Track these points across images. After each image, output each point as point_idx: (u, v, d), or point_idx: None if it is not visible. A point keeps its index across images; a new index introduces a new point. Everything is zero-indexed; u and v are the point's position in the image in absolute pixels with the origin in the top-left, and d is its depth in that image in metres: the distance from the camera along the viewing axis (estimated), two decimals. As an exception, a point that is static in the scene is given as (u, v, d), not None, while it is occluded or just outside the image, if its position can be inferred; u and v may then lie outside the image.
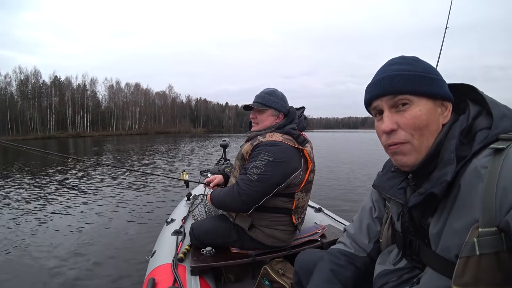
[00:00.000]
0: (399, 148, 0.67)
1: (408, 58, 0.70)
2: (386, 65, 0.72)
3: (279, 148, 1.45)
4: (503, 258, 0.53)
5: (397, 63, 0.70)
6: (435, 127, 0.66)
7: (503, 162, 0.54)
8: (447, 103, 0.68)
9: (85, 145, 24.84)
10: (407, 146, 0.66)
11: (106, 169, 9.13)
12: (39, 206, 4.95)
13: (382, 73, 0.70)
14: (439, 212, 0.65)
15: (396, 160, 0.70)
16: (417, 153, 0.66)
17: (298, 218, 1.59)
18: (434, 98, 0.66)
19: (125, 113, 72.66)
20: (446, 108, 0.68)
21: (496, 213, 0.53)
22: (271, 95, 1.61)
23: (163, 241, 1.87)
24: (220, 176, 1.90)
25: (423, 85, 0.65)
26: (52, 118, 57.09)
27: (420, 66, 0.68)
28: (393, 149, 0.68)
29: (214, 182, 1.86)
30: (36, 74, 58.83)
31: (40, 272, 2.69)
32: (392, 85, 0.66)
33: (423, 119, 0.64)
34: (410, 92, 0.65)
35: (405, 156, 0.68)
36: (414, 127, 0.65)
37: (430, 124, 0.65)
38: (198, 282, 1.40)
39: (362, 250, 0.94)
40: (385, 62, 0.73)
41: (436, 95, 0.66)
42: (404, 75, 0.66)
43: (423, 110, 0.65)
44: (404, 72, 0.66)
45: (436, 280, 0.66)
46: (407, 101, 0.65)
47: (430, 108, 0.65)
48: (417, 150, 0.66)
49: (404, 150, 0.67)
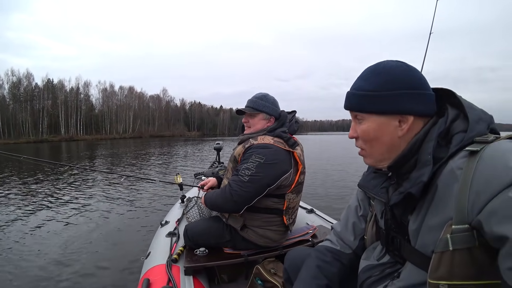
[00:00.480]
0: (359, 152, 0.81)
1: (372, 71, 0.75)
2: (357, 78, 0.78)
3: (270, 150, 1.50)
4: (475, 253, 0.56)
5: (361, 78, 0.76)
6: (387, 139, 0.73)
7: (477, 164, 0.57)
8: (407, 116, 0.70)
9: (78, 149, 24.58)
10: (363, 152, 0.80)
11: (99, 169, 9.07)
12: (32, 210, 4.91)
13: (351, 86, 0.79)
14: (417, 210, 0.69)
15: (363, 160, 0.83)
16: (371, 158, 0.79)
17: (289, 219, 1.63)
18: (384, 114, 0.71)
19: (119, 116, 72.01)
20: (406, 121, 0.70)
21: (468, 212, 0.56)
22: (262, 100, 1.65)
23: (157, 243, 1.89)
24: (213, 179, 1.93)
25: (368, 105, 0.73)
26: (45, 121, 56.37)
27: (376, 83, 0.72)
28: (358, 152, 0.82)
29: (208, 185, 1.90)
30: (28, 77, 58.13)
31: (35, 275, 2.68)
32: (347, 104, 0.78)
33: (370, 134, 0.74)
34: (358, 111, 0.76)
35: (364, 159, 0.82)
36: (363, 139, 0.77)
37: (380, 137, 0.73)
38: (192, 282, 1.43)
39: (348, 247, 0.98)
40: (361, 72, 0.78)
41: (383, 112, 0.71)
42: (355, 94, 0.75)
43: (372, 125, 0.73)
44: (356, 91, 0.75)
45: (415, 274, 0.70)
46: (360, 117, 0.76)
47: (380, 123, 0.72)
48: (370, 156, 0.79)
49: (362, 154, 0.81)
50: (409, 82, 0.70)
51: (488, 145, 0.59)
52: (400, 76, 0.71)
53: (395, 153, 0.73)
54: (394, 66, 0.72)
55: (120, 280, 2.58)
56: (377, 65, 0.75)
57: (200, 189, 1.96)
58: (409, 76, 0.71)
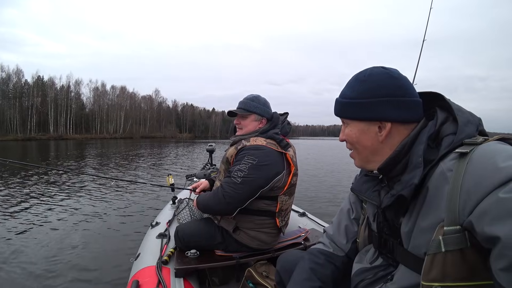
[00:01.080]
0: (350, 154, 0.85)
1: (356, 79, 0.78)
2: (345, 85, 0.82)
3: (263, 152, 1.50)
4: (468, 254, 0.57)
5: (347, 85, 0.81)
6: (368, 144, 0.77)
7: (467, 165, 0.58)
8: (386, 123, 0.73)
9: (67, 148, 24.16)
10: (352, 154, 0.84)
11: (89, 170, 8.93)
12: (17, 212, 4.79)
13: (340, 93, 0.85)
14: (409, 212, 0.70)
15: None
16: (357, 160, 0.84)
17: (282, 221, 1.62)
18: (363, 121, 0.76)
19: (110, 116, 71.06)
20: (385, 127, 0.73)
21: (460, 213, 0.57)
22: (253, 101, 1.66)
23: (147, 244, 1.87)
24: (206, 181, 1.92)
25: (349, 112, 0.78)
26: (34, 119, 55.22)
27: (358, 91, 0.76)
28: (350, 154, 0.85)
29: (200, 188, 1.88)
30: (18, 73, 57.00)
31: (21, 278, 2.62)
32: (335, 110, 0.84)
33: (353, 137, 0.79)
34: (342, 117, 0.82)
35: (354, 160, 0.85)
36: (349, 142, 0.82)
37: (362, 141, 0.78)
38: (182, 284, 1.41)
39: (341, 249, 0.98)
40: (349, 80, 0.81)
41: (362, 119, 0.76)
42: (340, 102, 0.81)
43: (353, 130, 0.79)
44: (341, 99, 0.81)
45: (408, 276, 0.70)
46: (345, 122, 0.82)
47: (361, 129, 0.77)
48: (356, 158, 0.83)
49: (351, 155, 0.85)
50: (391, 89, 0.72)
51: (477, 147, 0.60)
52: (382, 84, 0.73)
53: (380, 157, 0.76)
54: (377, 73, 0.75)
55: (108, 282, 2.54)
56: (363, 72, 0.78)
57: (192, 192, 1.93)
58: (392, 83, 0.73)
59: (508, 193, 0.50)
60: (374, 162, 0.78)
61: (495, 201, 0.51)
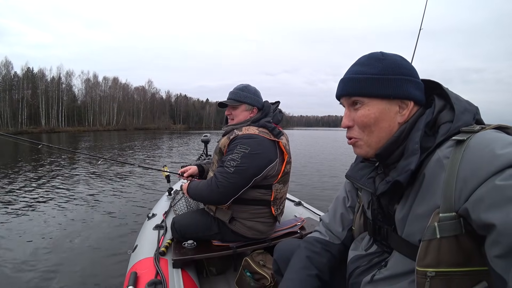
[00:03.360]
0: (352, 142, 0.79)
1: (372, 57, 0.75)
2: (352, 65, 0.78)
3: (255, 140, 1.50)
4: (462, 241, 0.58)
5: (359, 64, 0.76)
6: (386, 125, 0.73)
7: (463, 152, 0.58)
8: (408, 101, 0.72)
9: (60, 141, 23.89)
10: (359, 142, 0.77)
11: (85, 164, 8.87)
12: (12, 203, 4.76)
13: (345, 73, 0.78)
14: (404, 199, 0.70)
15: (354, 151, 0.81)
16: (367, 147, 0.76)
17: (277, 209, 1.64)
18: (387, 99, 0.72)
19: (103, 108, 70.12)
20: (407, 106, 0.72)
21: (455, 200, 0.57)
22: (243, 91, 1.65)
23: (144, 236, 1.87)
24: (194, 167, 1.94)
25: (373, 88, 0.72)
26: (24, 112, 54.21)
27: (379, 67, 0.72)
28: (350, 142, 0.79)
29: (188, 172, 1.90)
30: (7, 65, 55.59)
31: (17, 270, 2.62)
32: (345, 88, 0.76)
33: (371, 118, 0.72)
34: (359, 95, 0.74)
35: (357, 149, 0.79)
36: (363, 125, 0.74)
37: (380, 122, 0.72)
38: (180, 274, 1.42)
39: (337, 237, 1.00)
40: (355, 60, 0.79)
41: (387, 96, 0.71)
42: (357, 78, 0.74)
43: (372, 109, 0.72)
44: (357, 75, 0.74)
45: (402, 263, 0.71)
46: (359, 102, 0.74)
47: (382, 108, 0.72)
48: (367, 145, 0.76)
49: (356, 144, 0.78)
50: (409, 70, 0.73)
51: (474, 135, 0.60)
52: (401, 63, 0.73)
53: None
54: (392, 55, 0.75)
55: (106, 274, 2.55)
56: (374, 53, 0.77)
57: (181, 177, 1.95)
58: (408, 64, 0.74)
59: (504, 180, 0.50)
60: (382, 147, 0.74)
61: (491, 188, 0.52)
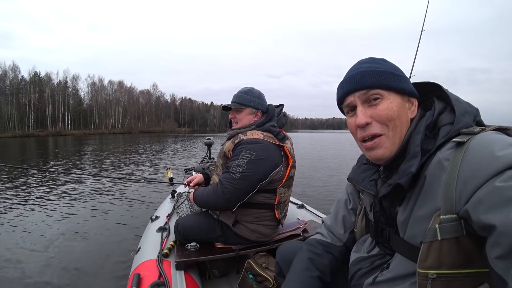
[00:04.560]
0: (375, 143, 0.71)
1: (375, 59, 0.77)
2: (356, 64, 0.77)
3: (260, 145, 1.50)
4: (463, 242, 0.58)
5: (366, 62, 0.76)
6: (405, 120, 0.72)
7: (464, 154, 0.59)
8: (413, 99, 0.74)
9: (66, 144, 24.10)
10: (383, 139, 0.71)
11: (90, 165, 8.92)
12: (18, 208, 4.81)
13: (353, 71, 0.75)
14: (406, 201, 0.70)
15: (371, 155, 0.74)
16: (392, 144, 0.70)
17: (280, 213, 1.64)
18: (402, 93, 0.72)
19: (108, 111, 70.68)
20: (413, 103, 0.74)
21: (456, 202, 0.57)
22: (247, 94, 1.65)
23: (148, 238, 1.88)
24: (200, 175, 1.92)
25: (392, 81, 0.71)
26: (31, 115, 54.83)
27: (387, 65, 0.74)
28: (369, 145, 0.72)
29: (194, 182, 1.88)
30: (14, 69, 56.36)
31: (22, 272, 2.63)
32: (364, 80, 0.71)
33: (395, 111, 0.69)
34: (381, 87, 0.70)
35: (381, 149, 0.71)
36: (388, 118, 0.69)
37: (401, 116, 0.70)
38: (183, 276, 1.42)
39: (338, 239, 1.00)
40: (355, 63, 0.79)
41: (404, 90, 0.72)
42: (375, 71, 0.71)
43: (394, 102, 0.70)
44: (375, 68, 0.72)
45: (404, 265, 0.71)
46: (379, 96, 0.70)
47: (399, 102, 0.71)
48: (392, 141, 0.70)
49: (380, 143, 0.71)
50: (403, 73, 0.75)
51: (474, 136, 0.60)
52: (397, 67, 0.76)
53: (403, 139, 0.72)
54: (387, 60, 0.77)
55: (110, 275, 2.56)
56: (373, 57, 0.78)
57: (187, 186, 1.93)
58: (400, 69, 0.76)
59: (504, 182, 0.50)
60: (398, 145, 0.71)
61: (492, 190, 0.52)
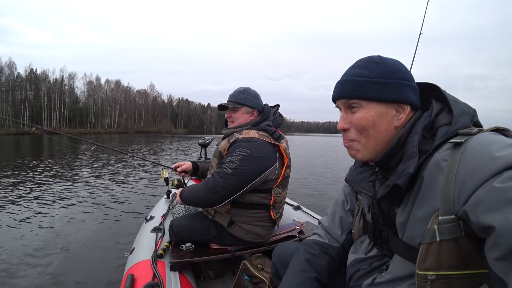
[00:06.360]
0: (349, 145, 0.77)
1: (370, 61, 0.74)
2: (350, 68, 0.77)
3: (255, 144, 1.49)
4: (462, 243, 0.58)
5: (357, 67, 0.75)
6: (384, 128, 0.72)
7: (461, 155, 0.58)
8: (405, 106, 0.72)
9: (61, 142, 23.90)
10: (356, 144, 0.75)
11: (82, 166, 8.87)
12: (8, 206, 4.74)
13: (342, 77, 0.77)
14: (404, 203, 0.70)
15: (349, 153, 0.79)
16: (364, 149, 0.74)
17: (276, 214, 1.63)
18: (385, 102, 0.71)
19: (104, 110, 70.51)
20: (404, 110, 0.72)
21: (454, 203, 0.57)
22: (243, 93, 1.64)
23: (142, 238, 1.86)
24: (188, 163, 1.94)
25: (372, 91, 0.71)
26: (27, 113, 54.50)
27: (377, 70, 0.72)
28: (346, 145, 0.78)
29: (181, 168, 1.92)
30: (10, 66, 56.03)
31: (12, 273, 2.59)
32: (344, 90, 0.74)
33: (368, 121, 0.71)
34: (358, 97, 0.72)
35: (352, 151, 0.77)
36: (360, 127, 0.73)
37: (377, 125, 0.71)
38: (178, 277, 1.41)
39: (336, 240, 0.99)
40: (353, 63, 0.78)
41: (386, 100, 0.70)
42: (356, 81, 0.72)
43: (370, 112, 0.71)
44: (356, 78, 0.73)
45: (403, 266, 0.71)
46: (357, 105, 0.73)
47: (380, 111, 0.71)
48: (364, 147, 0.74)
49: (353, 146, 0.76)
50: (406, 74, 0.73)
51: (472, 137, 0.60)
52: (398, 67, 0.73)
53: (387, 145, 0.73)
54: (390, 59, 0.75)
55: (103, 276, 2.52)
56: (372, 56, 0.76)
57: (174, 171, 1.96)
58: (405, 69, 0.74)
59: (503, 183, 0.50)
60: (381, 151, 0.73)
61: (490, 191, 0.51)
